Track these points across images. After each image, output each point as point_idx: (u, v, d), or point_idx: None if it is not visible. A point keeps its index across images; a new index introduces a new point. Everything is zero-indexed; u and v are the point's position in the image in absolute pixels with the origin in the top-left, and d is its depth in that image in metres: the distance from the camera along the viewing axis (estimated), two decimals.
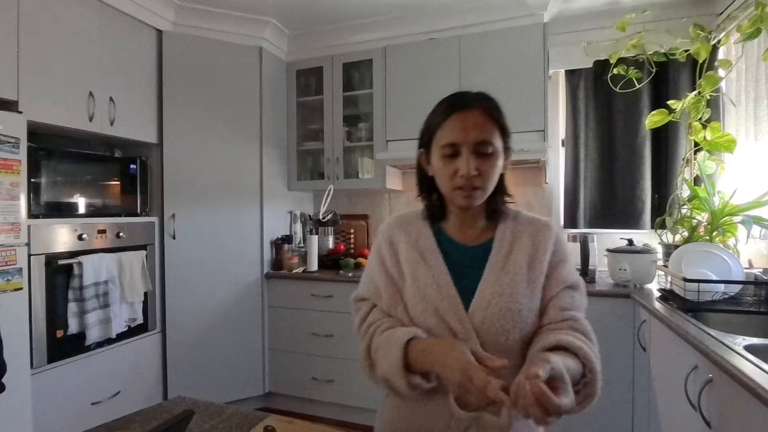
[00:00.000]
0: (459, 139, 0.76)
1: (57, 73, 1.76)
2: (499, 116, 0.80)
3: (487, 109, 0.79)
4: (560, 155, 2.46)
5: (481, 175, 0.76)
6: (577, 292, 0.80)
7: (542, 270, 0.79)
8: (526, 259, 0.79)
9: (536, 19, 2.18)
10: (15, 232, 1.54)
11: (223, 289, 2.36)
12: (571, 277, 0.81)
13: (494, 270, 0.78)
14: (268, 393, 2.50)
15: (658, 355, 1.55)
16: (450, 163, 0.77)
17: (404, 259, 0.83)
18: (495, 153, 0.77)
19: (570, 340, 0.71)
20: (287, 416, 0.84)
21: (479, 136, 0.76)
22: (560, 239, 0.83)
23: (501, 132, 0.79)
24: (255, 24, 2.43)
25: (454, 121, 0.77)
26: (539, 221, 0.85)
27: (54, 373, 1.71)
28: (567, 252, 0.84)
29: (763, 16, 1.64)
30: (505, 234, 0.82)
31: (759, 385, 0.81)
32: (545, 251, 0.80)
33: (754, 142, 1.83)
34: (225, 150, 2.37)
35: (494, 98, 0.84)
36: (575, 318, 0.76)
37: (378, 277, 0.85)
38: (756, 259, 1.81)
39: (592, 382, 0.69)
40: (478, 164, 0.76)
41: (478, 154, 0.76)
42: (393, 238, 0.86)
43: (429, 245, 0.83)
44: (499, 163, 0.79)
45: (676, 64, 2.13)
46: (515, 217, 0.85)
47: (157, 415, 0.83)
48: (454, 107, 0.79)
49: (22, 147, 1.56)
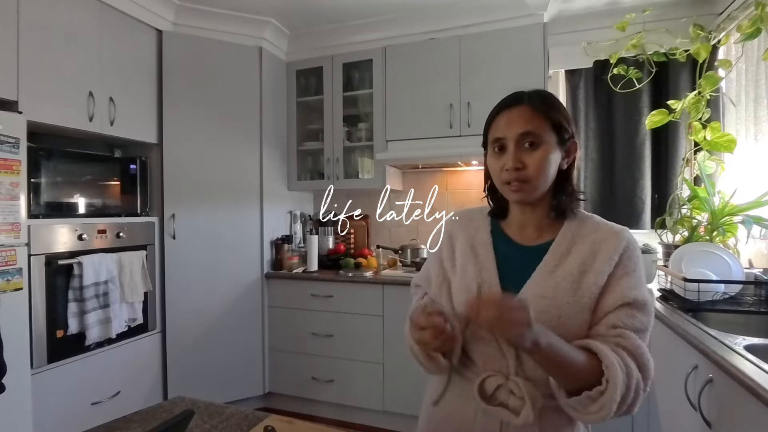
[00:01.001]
0: (504, 133, 0.77)
1: (57, 74, 1.76)
2: (549, 110, 0.77)
3: (535, 104, 0.77)
4: None
5: (527, 168, 0.75)
6: (639, 312, 0.71)
7: (597, 280, 0.73)
8: (579, 265, 0.74)
9: (536, 19, 2.18)
10: (15, 232, 1.54)
11: (223, 289, 2.36)
12: (633, 294, 0.72)
13: (543, 272, 0.76)
14: (268, 393, 2.50)
15: (658, 354, 1.53)
16: (499, 158, 0.78)
17: (459, 252, 0.85)
18: (543, 145, 0.75)
19: (600, 346, 0.67)
20: (287, 416, 0.84)
21: (523, 128, 0.75)
22: (630, 251, 0.75)
23: (553, 125, 0.76)
24: (255, 24, 2.43)
25: (501, 118, 0.79)
26: (608, 228, 0.78)
27: (54, 373, 1.71)
28: (637, 266, 0.75)
29: (763, 16, 1.64)
30: (566, 237, 0.78)
31: (759, 385, 0.81)
32: (606, 261, 0.73)
33: (754, 142, 1.83)
34: (225, 150, 2.37)
35: (548, 93, 0.82)
36: (625, 335, 0.69)
37: (433, 266, 0.89)
38: (756, 259, 1.81)
39: (606, 395, 0.64)
40: (523, 156, 0.75)
41: (523, 147, 0.75)
42: (453, 232, 0.89)
43: (483, 241, 0.83)
44: (551, 156, 0.76)
45: (676, 64, 2.13)
46: (583, 221, 0.80)
47: (157, 415, 0.83)
48: (503, 105, 0.80)
49: (22, 147, 1.56)
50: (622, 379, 0.64)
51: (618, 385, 0.63)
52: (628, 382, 0.65)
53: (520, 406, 0.71)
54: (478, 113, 2.24)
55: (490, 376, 0.74)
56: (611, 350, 0.66)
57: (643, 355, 0.68)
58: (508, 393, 0.73)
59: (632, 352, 0.67)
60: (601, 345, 0.67)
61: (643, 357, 0.68)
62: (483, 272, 0.79)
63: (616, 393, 0.63)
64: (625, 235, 0.77)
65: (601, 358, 0.66)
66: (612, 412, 0.64)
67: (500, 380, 0.74)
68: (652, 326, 0.73)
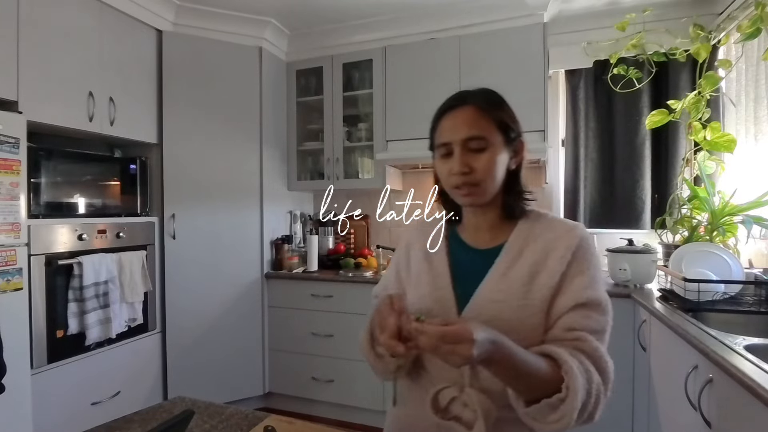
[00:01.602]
0: (449, 137, 0.75)
1: (57, 74, 1.76)
2: (494, 110, 0.75)
3: (480, 105, 0.75)
4: (560, 155, 2.46)
5: (475, 171, 0.73)
6: (595, 312, 0.69)
7: (548, 281, 0.71)
8: (531, 266, 0.73)
9: (536, 19, 2.18)
10: (15, 232, 1.54)
11: (223, 289, 2.36)
12: (587, 294, 0.69)
13: (495, 275, 0.74)
14: (268, 393, 2.50)
15: (658, 354, 1.55)
16: (446, 163, 0.76)
17: (414, 260, 0.85)
18: (490, 147, 0.73)
19: (558, 351, 0.64)
20: (287, 416, 0.84)
21: (468, 132, 0.73)
22: (583, 248, 0.73)
23: (499, 126, 0.75)
24: (255, 24, 2.43)
25: (446, 121, 0.77)
26: (561, 226, 0.77)
27: (54, 373, 1.71)
28: (591, 264, 0.72)
29: (763, 16, 1.64)
30: (519, 237, 0.77)
31: (759, 385, 0.81)
32: (557, 260, 0.71)
33: (754, 142, 1.84)
34: (225, 150, 2.37)
35: (492, 92, 0.80)
36: (583, 338, 0.67)
37: (390, 276, 0.90)
38: (756, 259, 1.81)
39: (567, 402, 0.60)
40: (470, 160, 0.73)
41: (470, 151, 0.74)
42: (410, 241, 0.90)
43: (438, 248, 0.83)
44: (499, 158, 0.74)
45: (676, 64, 2.13)
46: (537, 220, 0.79)
47: (157, 415, 0.83)
48: (447, 107, 0.78)
49: (22, 147, 1.56)
50: (582, 384, 0.61)
51: (578, 391, 0.60)
52: (589, 388, 0.62)
53: (474, 419, 0.68)
54: None
55: (445, 388, 0.72)
56: (570, 354, 0.64)
57: (601, 357, 0.66)
58: (462, 406, 0.70)
59: (591, 355, 0.65)
60: (559, 349, 0.64)
61: (601, 360, 0.66)
62: (437, 279, 0.78)
63: (577, 400, 0.60)
64: (578, 232, 0.74)
65: (560, 363, 0.63)
66: (573, 421, 0.61)
67: (454, 392, 0.71)
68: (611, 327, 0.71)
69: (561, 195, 2.45)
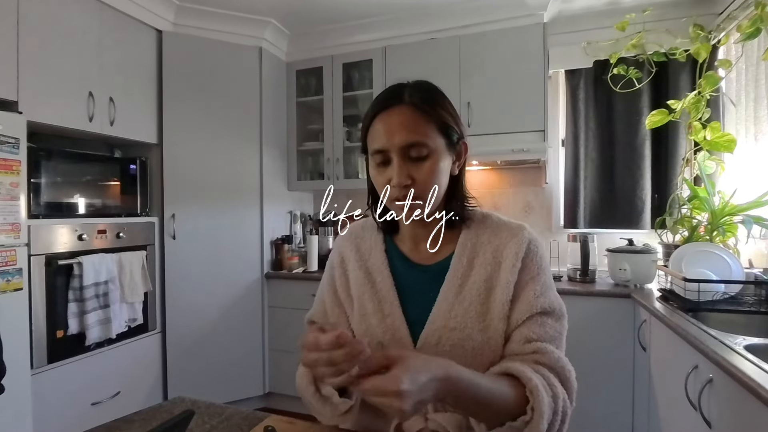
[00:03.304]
0: (385, 144, 0.65)
1: (57, 74, 1.76)
2: (434, 110, 0.66)
3: (417, 104, 0.65)
4: (560, 155, 2.46)
5: (416, 183, 0.65)
6: (550, 318, 0.66)
7: (503, 297, 0.66)
8: (485, 282, 0.67)
9: (536, 19, 2.18)
10: (15, 232, 1.54)
11: (223, 289, 2.36)
12: (539, 302, 0.65)
13: (448, 297, 0.67)
14: (268, 393, 2.51)
15: (659, 354, 1.55)
16: (383, 171, 0.67)
17: (353, 282, 0.74)
18: (432, 154, 0.65)
19: (521, 369, 0.59)
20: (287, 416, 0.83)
21: (407, 139, 0.64)
22: (531, 252, 0.68)
23: (440, 128, 0.66)
24: (255, 24, 2.43)
25: (379, 124, 0.66)
26: (506, 229, 0.70)
27: (54, 373, 1.71)
28: (541, 268, 0.68)
29: (762, 16, 1.64)
30: (465, 248, 0.70)
31: (759, 384, 0.81)
32: (509, 271, 0.66)
33: (754, 141, 1.84)
34: (225, 150, 2.37)
35: (431, 87, 0.70)
36: (542, 350, 0.62)
37: (327, 299, 0.78)
38: (756, 259, 1.81)
39: (532, 424, 0.56)
40: (412, 171, 0.65)
41: (410, 159, 0.65)
42: (344, 254, 0.78)
43: (378, 265, 0.73)
44: (441, 164, 0.66)
45: (676, 64, 2.13)
46: (481, 225, 0.72)
47: (157, 416, 0.83)
48: (379, 107, 0.67)
49: (22, 147, 1.56)
50: (548, 404, 0.57)
51: (545, 413, 0.56)
52: (555, 407, 0.58)
53: None
54: (479, 113, 2.24)
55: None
56: (533, 371, 0.59)
57: (563, 368, 0.62)
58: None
59: (553, 368, 0.62)
60: (522, 367, 0.59)
61: (564, 370, 0.62)
62: (383, 305, 0.70)
63: (543, 422, 0.55)
64: (525, 235, 0.69)
65: (524, 382, 0.58)
66: None
67: (420, 423, 0.64)
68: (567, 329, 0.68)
69: (561, 195, 2.45)
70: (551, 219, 2.49)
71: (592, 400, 1.86)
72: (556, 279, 2.13)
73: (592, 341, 1.86)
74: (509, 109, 2.20)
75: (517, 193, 2.53)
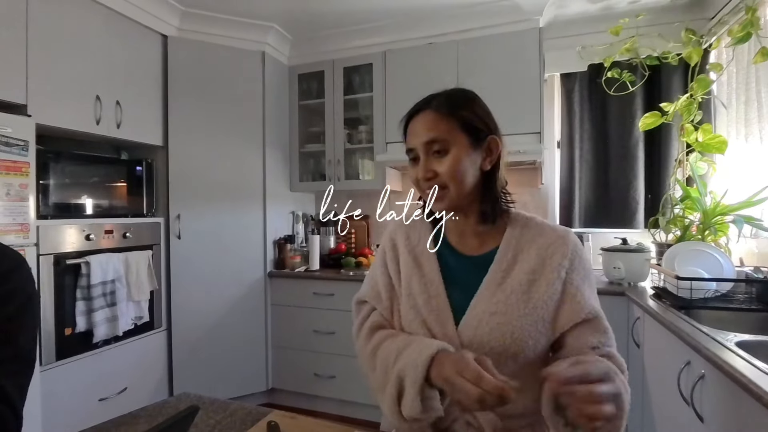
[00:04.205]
0: (413, 143, 0.74)
1: (65, 78, 1.79)
2: (456, 110, 0.72)
3: (439, 107, 0.73)
4: (556, 157, 2.49)
5: (439, 176, 0.71)
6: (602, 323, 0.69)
7: (548, 290, 0.69)
8: (528, 274, 0.70)
9: (532, 24, 2.21)
10: (24, 232, 1.57)
11: (227, 287, 2.39)
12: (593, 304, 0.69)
13: (491, 285, 0.71)
14: (272, 389, 2.53)
15: (652, 351, 1.57)
16: (414, 168, 0.75)
17: (402, 263, 0.78)
18: (452, 150, 0.71)
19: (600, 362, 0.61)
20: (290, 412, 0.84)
21: (427, 136, 0.71)
22: (578, 253, 0.72)
23: (463, 126, 0.71)
24: (258, 29, 2.47)
25: (410, 127, 0.76)
26: (552, 231, 0.75)
27: (62, 370, 1.74)
28: (588, 272, 0.72)
29: (753, 21, 1.66)
30: (510, 244, 0.74)
31: (750, 380, 0.82)
32: (555, 267, 0.70)
33: (744, 143, 1.86)
34: (229, 152, 2.41)
35: (458, 92, 0.77)
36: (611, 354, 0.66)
37: (380, 280, 0.81)
38: (747, 258, 1.83)
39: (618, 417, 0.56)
40: (434, 165, 0.71)
41: (433, 155, 0.72)
42: (396, 240, 0.82)
43: (426, 251, 0.78)
44: (464, 159, 0.71)
45: (669, 68, 2.16)
46: (525, 225, 0.76)
47: (162, 411, 0.83)
48: (410, 113, 0.77)
49: (31, 149, 1.59)
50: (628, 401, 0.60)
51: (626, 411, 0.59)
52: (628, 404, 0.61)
53: None
54: None
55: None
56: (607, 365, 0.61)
57: (625, 370, 0.66)
58: (466, 425, 0.69)
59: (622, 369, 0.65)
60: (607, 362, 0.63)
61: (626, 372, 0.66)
62: (429, 287, 0.74)
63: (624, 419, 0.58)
64: (572, 238, 0.74)
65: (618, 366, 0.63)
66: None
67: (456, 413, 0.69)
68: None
69: (556, 195, 2.49)
70: (547, 219, 2.51)
71: None
72: None
73: None
74: (506, 112, 2.18)
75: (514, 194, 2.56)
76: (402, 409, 0.63)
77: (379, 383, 0.68)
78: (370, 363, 0.72)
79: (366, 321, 0.80)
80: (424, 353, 0.62)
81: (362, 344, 0.76)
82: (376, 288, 0.81)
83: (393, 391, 0.64)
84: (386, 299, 0.79)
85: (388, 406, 0.65)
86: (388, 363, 0.67)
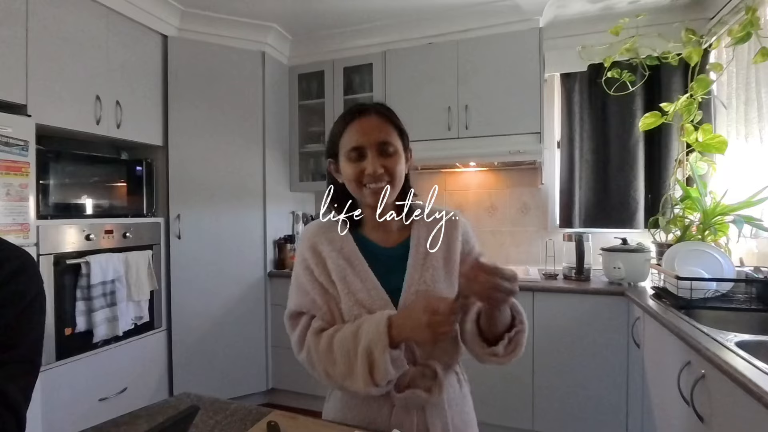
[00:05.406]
0: (362, 141, 0.80)
1: (65, 78, 1.80)
2: (395, 119, 0.85)
3: (384, 113, 0.83)
4: (556, 156, 2.50)
5: (388, 172, 0.81)
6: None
7: (455, 261, 0.86)
8: (443, 253, 0.85)
9: (532, 24, 2.22)
10: (24, 232, 1.58)
11: (227, 287, 2.39)
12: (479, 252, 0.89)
13: (416, 267, 0.83)
14: (272, 389, 2.54)
15: (652, 351, 1.57)
16: (356, 165, 0.81)
17: (332, 267, 0.82)
18: (397, 152, 0.82)
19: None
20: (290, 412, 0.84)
21: (380, 137, 0.80)
22: (467, 230, 0.91)
23: (399, 134, 0.84)
24: (258, 29, 2.47)
25: (356, 126, 0.82)
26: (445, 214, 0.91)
27: (62, 370, 1.74)
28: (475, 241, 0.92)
29: (753, 21, 1.67)
30: (420, 232, 0.87)
31: (750, 380, 0.83)
32: (455, 242, 0.87)
33: (744, 143, 1.86)
34: (228, 152, 2.41)
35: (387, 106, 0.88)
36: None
37: (310, 287, 0.84)
38: (747, 258, 1.83)
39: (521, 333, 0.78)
40: (384, 162, 0.80)
41: (382, 154, 0.81)
42: (317, 248, 0.85)
43: (353, 251, 0.84)
44: (402, 161, 0.84)
45: (669, 68, 2.16)
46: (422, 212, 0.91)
47: (162, 411, 0.83)
48: (353, 115, 0.83)
49: (31, 149, 1.59)
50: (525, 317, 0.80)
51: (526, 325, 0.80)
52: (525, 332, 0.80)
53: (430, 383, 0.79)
54: (476, 116, 2.28)
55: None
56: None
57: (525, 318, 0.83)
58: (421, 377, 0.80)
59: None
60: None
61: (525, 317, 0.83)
62: (365, 281, 0.81)
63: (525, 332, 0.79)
64: (460, 218, 0.91)
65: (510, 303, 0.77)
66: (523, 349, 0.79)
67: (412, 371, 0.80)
68: None
69: (556, 195, 2.49)
70: (547, 219, 2.53)
71: (587, 395, 1.90)
72: (552, 277, 2.18)
73: (587, 338, 1.89)
74: (506, 112, 2.23)
75: (514, 194, 2.57)
76: (375, 378, 0.73)
77: (344, 370, 0.76)
78: (328, 358, 0.78)
79: (307, 329, 0.84)
80: (380, 324, 0.74)
81: (312, 348, 0.81)
82: (309, 296, 0.84)
83: (364, 367, 0.73)
84: (323, 303, 0.83)
85: (362, 380, 0.73)
86: (348, 348, 0.76)
